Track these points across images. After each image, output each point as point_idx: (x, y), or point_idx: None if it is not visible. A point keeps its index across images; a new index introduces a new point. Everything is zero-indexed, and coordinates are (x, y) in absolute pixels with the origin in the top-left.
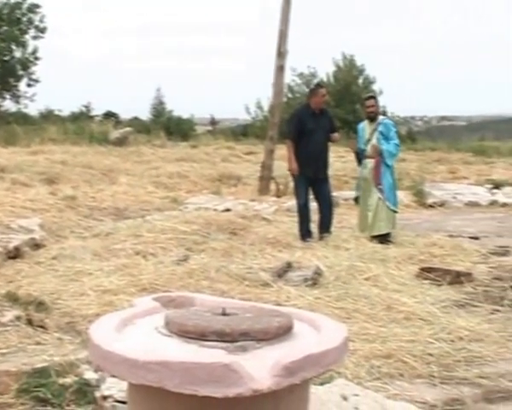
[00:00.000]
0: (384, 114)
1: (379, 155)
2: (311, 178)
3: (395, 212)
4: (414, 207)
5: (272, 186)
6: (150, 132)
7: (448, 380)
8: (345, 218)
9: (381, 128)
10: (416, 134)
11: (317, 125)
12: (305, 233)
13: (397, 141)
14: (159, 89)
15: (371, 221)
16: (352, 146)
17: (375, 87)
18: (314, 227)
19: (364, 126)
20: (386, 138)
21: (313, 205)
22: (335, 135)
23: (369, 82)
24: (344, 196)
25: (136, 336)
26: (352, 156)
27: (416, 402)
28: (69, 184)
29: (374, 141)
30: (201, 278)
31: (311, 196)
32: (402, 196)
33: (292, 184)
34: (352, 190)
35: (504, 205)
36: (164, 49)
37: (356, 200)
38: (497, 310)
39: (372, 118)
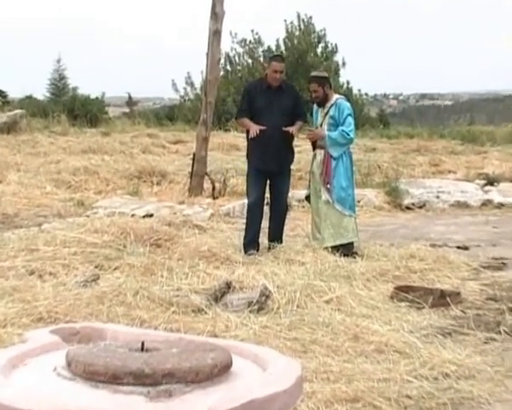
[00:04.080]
0: (346, 94)
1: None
2: (266, 172)
3: (352, 217)
4: (387, 210)
5: (207, 185)
6: (48, 116)
7: None
8: (299, 224)
9: (332, 111)
10: (389, 117)
11: (271, 103)
12: (249, 243)
13: (348, 127)
14: (59, 60)
15: (322, 230)
16: (310, 134)
17: (338, 58)
18: (262, 237)
19: (317, 109)
20: (338, 124)
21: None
22: (297, 124)
23: (329, 51)
24: (298, 196)
25: (29, 381)
26: (309, 145)
27: None
28: None
29: (325, 126)
30: (115, 303)
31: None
32: (371, 195)
33: (232, 182)
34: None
35: (500, 206)
36: (66, 9)
37: (308, 199)
38: (492, 339)
39: (319, 103)
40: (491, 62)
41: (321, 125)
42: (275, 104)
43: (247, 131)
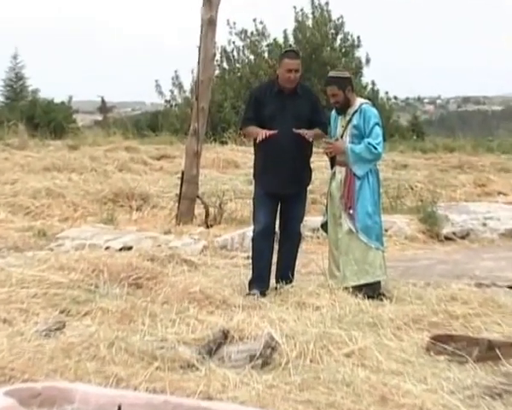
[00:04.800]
0: (371, 98)
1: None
2: (277, 195)
3: (379, 250)
4: (421, 241)
5: (198, 210)
6: (2, 125)
7: None
8: (313, 258)
9: (355, 120)
10: (424, 125)
11: (283, 110)
12: (255, 280)
13: (375, 139)
14: (15, 56)
15: (342, 265)
16: (328, 147)
17: (360, 53)
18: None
19: (336, 116)
20: (362, 135)
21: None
22: (314, 131)
23: (349, 45)
24: (312, 225)
25: None
26: (325, 161)
27: None
28: None
29: (347, 138)
30: (85, 357)
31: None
32: (402, 223)
33: (229, 207)
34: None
35: None
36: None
37: (324, 228)
38: None
39: (339, 110)
40: None
41: (341, 137)
42: (288, 112)
43: (255, 144)
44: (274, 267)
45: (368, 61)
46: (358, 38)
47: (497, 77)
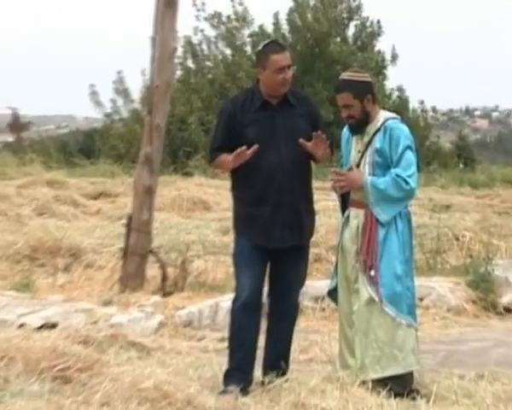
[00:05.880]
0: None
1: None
2: (267, 250)
3: (411, 327)
4: (471, 315)
5: (152, 271)
6: None
7: None
8: (316, 339)
9: (378, 142)
10: (475, 149)
11: (273, 130)
12: (234, 372)
13: (407, 170)
14: None
15: (359, 349)
16: (339, 179)
17: (382, 45)
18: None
19: (350, 136)
20: (388, 164)
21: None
22: (323, 152)
23: (368, 35)
24: (314, 292)
25: None
26: (333, 200)
27: None
28: None
29: (366, 168)
30: None
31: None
32: (444, 289)
33: (196, 266)
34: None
35: None
36: None
37: (333, 296)
38: None
39: (355, 128)
40: None
41: (357, 166)
42: (280, 132)
43: (234, 176)
44: (260, 353)
45: (394, 57)
46: (379, 24)
47: None
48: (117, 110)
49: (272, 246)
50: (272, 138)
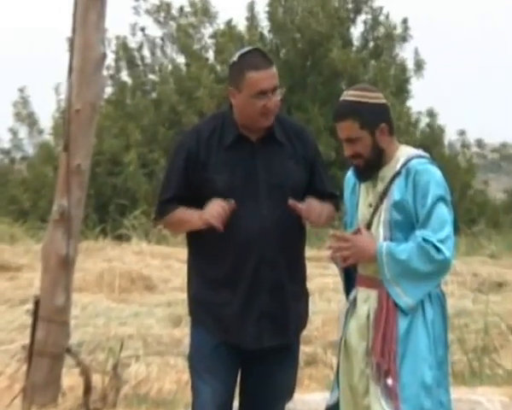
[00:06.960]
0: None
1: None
2: (241, 351)
3: None
4: None
5: (69, 380)
6: None
7: None
8: None
9: (398, 192)
10: None
11: (253, 176)
12: None
13: (439, 232)
14: None
15: None
16: (340, 247)
17: (402, 48)
18: None
19: (357, 184)
20: (412, 223)
21: None
22: (324, 207)
23: (383, 37)
24: (306, 408)
25: None
26: (333, 276)
27: None
28: None
29: (380, 229)
30: None
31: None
32: (492, 404)
33: (133, 372)
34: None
35: None
36: None
37: None
38: None
39: (362, 171)
40: None
41: (368, 227)
42: (261, 180)
43: (191, 241)
44: None
45: (419, 65)
46: (406, 23)
47: None
48: (18, 145)
49: (245, 346)
50: (250, 190)
